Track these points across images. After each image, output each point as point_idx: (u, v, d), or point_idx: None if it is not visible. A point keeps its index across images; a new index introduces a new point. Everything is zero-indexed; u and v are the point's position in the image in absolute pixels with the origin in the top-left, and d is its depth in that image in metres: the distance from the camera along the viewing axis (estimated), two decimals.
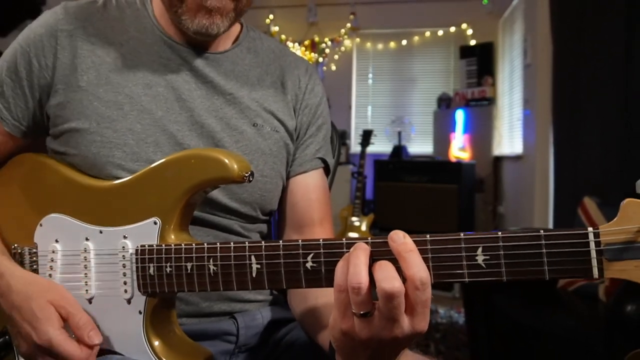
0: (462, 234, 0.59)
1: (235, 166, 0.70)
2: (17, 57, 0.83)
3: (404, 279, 0.56)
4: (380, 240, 0.60)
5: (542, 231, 0.56)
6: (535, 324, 1.94)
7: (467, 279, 0.58)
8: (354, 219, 4.16)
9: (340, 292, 0.57)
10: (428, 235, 0.59)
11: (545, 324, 1.91)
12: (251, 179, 0.71)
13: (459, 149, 4.86)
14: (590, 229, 0.55)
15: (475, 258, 0.58)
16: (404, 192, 4.32)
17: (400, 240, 0.57)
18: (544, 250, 0.56)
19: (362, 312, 0.56)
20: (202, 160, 0.72)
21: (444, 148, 4.91)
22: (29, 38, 0.83)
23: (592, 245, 0.55)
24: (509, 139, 4.55)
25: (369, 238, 0.61)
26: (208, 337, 0.84)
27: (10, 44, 0.85)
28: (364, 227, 4.13)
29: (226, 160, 0.70)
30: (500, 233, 0.58)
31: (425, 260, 0.58)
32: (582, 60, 2.88)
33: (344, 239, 0.62)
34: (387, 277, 0.55)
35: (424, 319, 0.57)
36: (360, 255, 0.58)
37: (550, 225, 3.21)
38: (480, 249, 0.58)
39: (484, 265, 0.58)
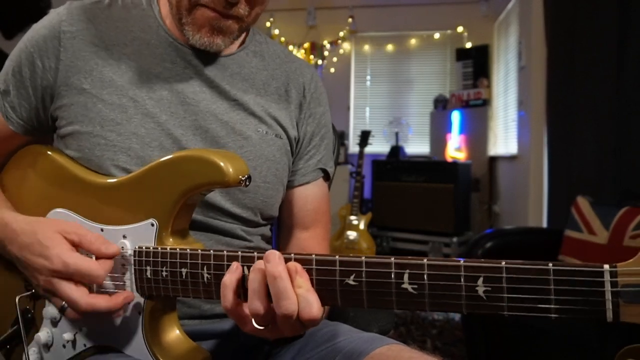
0: (462, 261, 0.53)
1: (231, 170, 0.68)
2: (21, 57, 0.82)
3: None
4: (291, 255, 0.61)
5: (551, 265, 0.50)
6: (530, 321, 1.94)
7: (465, 310, 0.53)
8: (352, 217, 4.16)
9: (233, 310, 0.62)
10: (425, 259, 0.55)
11: (540, 320, 1.91)
12: (248, 183, 0.69)
13: (455, 149, 4.86)
14: (606, 266, 0.48)
15: (475, 289, 0.52)
16: (401, 191, 4.32)
17: (274, 261, 0.59)
18: (552, 287, 0.50)
19: (262, 326, 0.60)
20: (199, 163, 0.70)
21: (441, 148, 4.91)
22: (33, 39, 0.82)
23: (608, 285, 0.48)
24: (504, 140, 4.55)
25: (255, 253, 0.63)
26: (209, 337, 0.83)
27: (17, 44, 0.85)
28: (362, 226, 4.13)
29: (222, 164, 0.68)
30: (504, 263, 0.51)
31: (421, 285, 0.54)
32: (575, 62, 2.88)
33: (337, 256, 0.59)
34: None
35: (313, 325, 0.60)
36: (254, 280, 0.60)
37: (545, 224, 3.21)
38: (481, 280, 0.52)
39: (484, 297, 0.52)
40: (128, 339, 0.73)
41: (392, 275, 0.56)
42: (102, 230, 0.75)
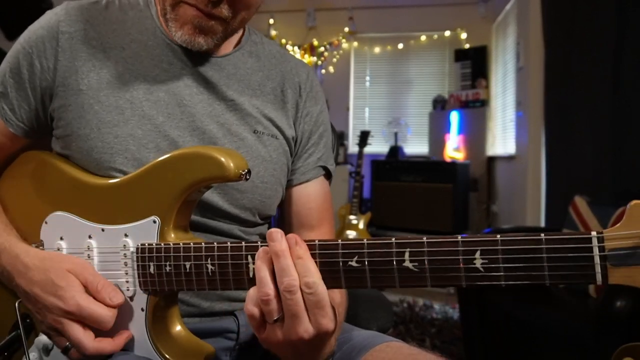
0: (459, 237, 0.56)
1: (232, 165, 0.68)
2: (19, 58, 0.81)
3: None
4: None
5: (542, 235, 0.53)
6: (527, 319, 1.94)
7: (464, 283, 0.56)
8: (351, 217, 4.16)
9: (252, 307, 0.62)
10: (425, 237, 0.57)
11: (537, 319, 1.91)
12: (248, 177, 0.70)
13: (454, 149, 4.86)
14: (594, 233, 0.52)
15: (473, 262, 0.55)
16: (400, 191, 4.32)
17: (278, 239, 0.61)
18: (545, 255, 0.53)
19: (273, 319, 0.60)
20: (199, 159, 0.70)
21: (439, 148, 4.91)
22: (31, 39, 0.81)
23: (596, 250, 0.51)
24: (502, 140, 4.55)
25: (259, 242, 0.64)
26: (209, 334, 0.83)
27: (13, 45, 0.84)
28: (361, 225, 4.14)
29: (223, 159, 0.69)
30: (499, 236, 0.54)
31: (422, 262, 0.57)
32: (573, 63, 2.88)
33: (339, 240, 0.61)
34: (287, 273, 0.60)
35: (323, 317, 0.59)
36: (261, 266, 0.61)
37: (543, 224, 3.22)
38: (478, 253, 0.55)
39: (482, 269, 0.55)
40: (132, 337, 0.73)
41: (394, 255, 0.58)
42: (102, 230, 0.75)
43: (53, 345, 0.76)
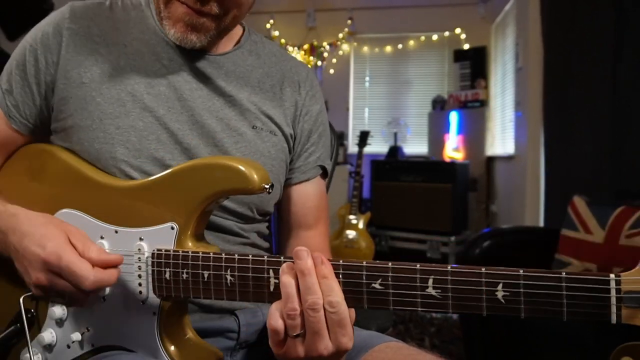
0: (483, 269, 0.57)
1: (256, 178, 0.69)
2: (25, 55, 0.83)
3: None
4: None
5: (564, 273, 0.56)
6: (526, 319, 1.94)
7: (485, 312, 0.57)
8: (351, 217, 4.16)
9: (276, 322, 0.62)
10: (449, 266, 0.59)
11: (536, 318, 1.91)
12: (270, 190, 0.70)
13: (453, 149, 4.86)
14: (612, 275, 0.55)
15: (495, 293, 0.57)
16: (399, 191, 4.32)
17: (305, 259, 0.61)
18: (564, 293, 0.55)
19: (295, 334, 0.60)
20: (224, 170, 0.70)
21: (439, 148, 4.92)
22: (37, 37, 0.83)
23: (613, 292, 0.54)
24: (501, 140, 4.55)
25: (282, 257, 0.65)
26: (210, 334, 0.83)
27: (20, 43, 0.85)
28: (360, 225, 4.13)
29: (247, 172, 0.69)
30: (522, 271, 0.56)
31: (445, 290, 0.59)
32: (572, 63, 2.88)
33: (364, 262, 0.62)
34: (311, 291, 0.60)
35: (343, 335, 0.60)
36: (288, 282, 0.62)
37: (541, 223, 3.21)
38: (500, 285, 0.57)
39: (503, 301, 0.57)
40: (142, 339, 0.73)
41: (417, 280, 0.60)
42: (116, 232, 0.74)
43: (56, 342, 0.76)
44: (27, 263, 0.69)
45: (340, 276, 0.62)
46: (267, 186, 0.69)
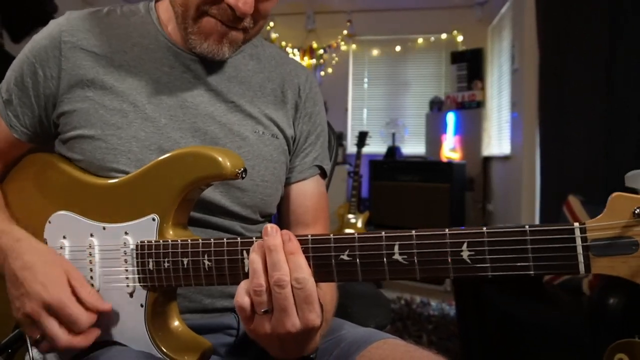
0: (447, 230, 0.56)
1: (229, 164, 0.69)
2: (23, 67, 0.83)
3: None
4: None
5: (527, 226, 0.54)
6: (523, 316, 1.94)
7: (452, 275, 0.56)
8: (350, 216, 4.16)
9: (242, 298, 0.62)
10: (413, 231, 0.58)
11: (532, 316, 1.91)
12: (244, 175, 0.71)
13: (450, 149, 4.86)
14: (576, 224, 0.53)
15: (460, 254, 0.56)
16: (398, 190, 4.32)
17: (272, 235, 0.61)
18: (529, 246, 0.53)
19: (263, 310, 0.60)
20: (196, 158, 0.71)
21: (436, 149, 4.91)
22: (34, 49, 0.82)
23: (579, 240, 0.52)
24: (497, 140, 4.55)
25: (254, 238, 0.65)
26: (210, 330, 0.84)
27: (19, 54, 0.85)
28: (359, 224, 4.13)
29: (219, 158, 0.69)
30: (485, 228, 0.55)
31: (411, 255, 0.58)
32: (567, 65, 2.88)
33: (331, 235, 0.62)
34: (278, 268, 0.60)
35: (310, 312, 0.60)
36: (255, 259, 0.62)
37: (537, 222, 3.22)
38: (465, 245, 0.55)
39: (469, 261, 0.55)
40: (131, 331, 0.74)
41: (384, 248, 0.59)
42: (104, 228, 0.75)
43: None
44: (24, 292, 0.71)
45: (310, 250, 0.62)
46: (239, 171, 0.70)
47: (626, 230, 0.51)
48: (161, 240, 0.71)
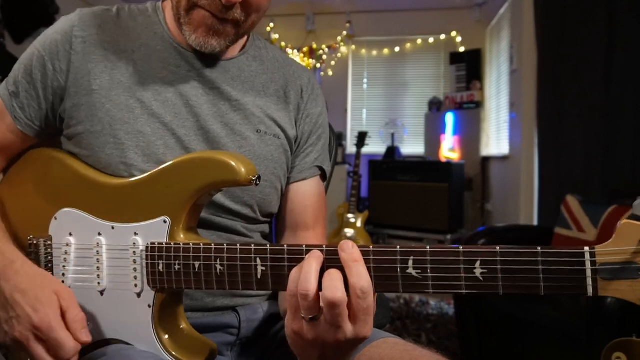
0: (461, 247, 0.57)
1: (243, 170, 0.69)
2: (33, 60, 0.83)
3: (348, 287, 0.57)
4: (334, 249, 0.60)
5: (539, 248, 0.55)
6: (521, 315, 1.95)
7: (464, 291, 0.57)
8: (349, 215, 4.16)
9: (291, 297, 0.59)
10: (428, 247, 0.58)
11: (530, 315, 1.91)
12: (258, 182, 0.71)
13: (449, 149, 4.86)
14: (586, 248, 0.54)
15: (473, 271, 0.57)
16: (397, 190, 4.32)
17: (349, 250, 0.59)
18: (540, 267, 0.55)
19: (309, 317, 0.58)
20: (211, 163, 0.71)
21: (435, 149, 4.92)
22: (45, 43, 0.83)
23: (588, 264, 0.54)
24: (496, 140, 4.55)
25: (324, 246, 0.62)
26: (211, 329, 0.84)
27: (28, 48, 0.85)
28: (359, 224, 4.14)
29: (234, 164, 0.70)
30: (498, 248, 0.56)
31: (424, 270, 0.58)
32: (565, 65, 2.88)
33: (351, 243, 0.60)
34: (332, 287, 0.57)
35: (365, 325, 0.58)
36: (312, 263, 0.59)
37: (535, 222, 3.22)
38: (478, 263, 0.57)
39: (481, 279, 0.57)
40: (137, 332, 0.73)
41: (398, 262, 0.59)
42: (112, 228, 0.75)
43: None
44: (14, 315, 0.70)
45: (325, 262, 0.60)
46: (254, 178, 0.70)
47: (634, 256, 0.53)
48: (172, 243, 0.71)
